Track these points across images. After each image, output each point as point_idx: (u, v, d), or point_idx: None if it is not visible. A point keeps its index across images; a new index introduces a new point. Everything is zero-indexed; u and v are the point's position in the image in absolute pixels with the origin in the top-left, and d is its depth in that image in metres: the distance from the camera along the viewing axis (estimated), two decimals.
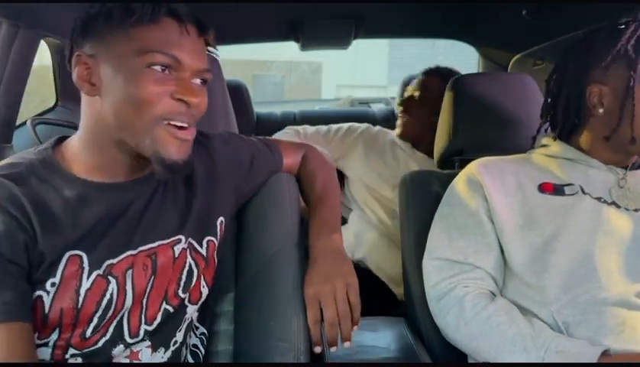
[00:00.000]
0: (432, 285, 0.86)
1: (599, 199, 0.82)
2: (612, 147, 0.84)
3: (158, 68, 0.62)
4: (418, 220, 0.99)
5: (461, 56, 2.44)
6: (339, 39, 1.79)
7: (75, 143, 0.68)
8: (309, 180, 0.92)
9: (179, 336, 0.73)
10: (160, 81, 0.62)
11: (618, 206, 0.81)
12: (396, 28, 1.96)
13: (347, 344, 0.71)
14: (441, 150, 1.18)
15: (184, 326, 0.74)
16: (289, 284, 0.78)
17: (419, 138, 1.48)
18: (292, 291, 0.77)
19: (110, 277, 0.65)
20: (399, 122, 1.53)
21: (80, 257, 0.63)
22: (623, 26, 0.81)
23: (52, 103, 1.57)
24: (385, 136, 1.55)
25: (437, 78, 1.48)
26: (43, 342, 0.62)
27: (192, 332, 0.80)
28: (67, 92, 1.55)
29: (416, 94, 1.50)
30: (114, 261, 0.65)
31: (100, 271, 0.64)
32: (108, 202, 0.66)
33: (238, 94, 2.06)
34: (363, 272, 1.37)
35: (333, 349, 0.71)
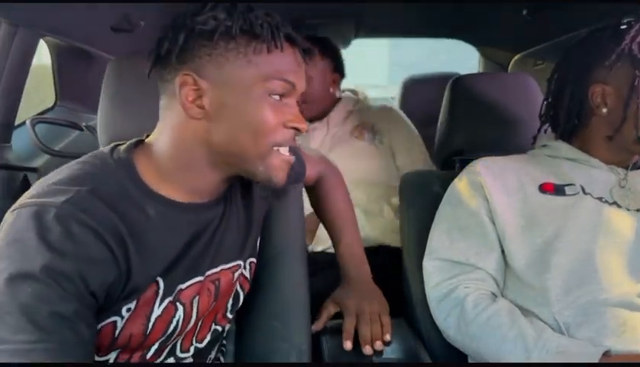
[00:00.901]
0: (433, 286, 0.86)
1: (600, 199, 0.82)
2: (614, 146, 0.84)
3: (277, 96, 0.60)
4: (418, 220, 0.99)
5: (462, 56, 2.44)
6: (339, 39, 1.79)
7: (161, 160, 0.62)
8: (328, 199, 0.95)
9: (214, 353, 0.75)
10: (277, 109, 0.60)
11: (619, 206, 0.81)
12: (396, 28, 1.95)
13: (378, 344, 0.79)
14: (441, 150, 1.17)
15: (218, 343, 0.76)
16: (291, 285, 0.78)
17: (313, 111, 1.46)
18: (295, 292, 0.78)
19: (178, 304, 0.62)
20: None
21: (157, 283, 0.59)
22: (626, 25, 0.81)
23: (51, 103, 1.57)
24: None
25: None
26: (101, 360, 0.60)
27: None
28: (66, 92, 1.55)
29: None
30: (184, 286, 0.63)
31: (171, 298, 0.61)
32: (191, 225, 0.63)
33: None
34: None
35: (367, 350, 0.78)
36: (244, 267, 0.74)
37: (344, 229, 0.93)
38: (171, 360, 0.66)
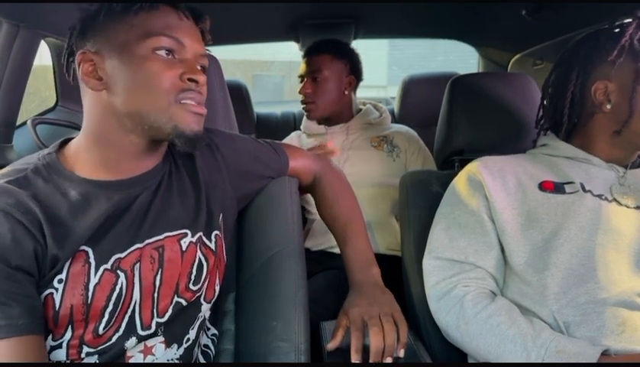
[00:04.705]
0: (432, 285, 0.86)
1: (600, 196, 0.82)
2: (621, 142, 0.84)
3: (163, 52, 0.64)
4: (418, 220, 0.99)
5: (461, 56, 2.45)
6: (339, 39, 1.79)
7: (79, 143, 0.69)
8: (332, 201, 0.94)
9: (192, 334, 0.74)
10: (167, 65, 0.64)
11: (619, 204, 0.81)
12: (396, 28, 1.95)
13: (388, 359, 0.74)
14: (441, 150, 1.18)
15: (197, 324, 0.75)
16: (290, 285, 0.78)
17: (327, 110, 1.50)
18: (293, 291, 0.77)
19: (119, 272, 0.66)
20: (305, 107, 1.53)
21: (86, 252, 0.64)
22: (622, 25, 0.82)
23: (52, 103, 1.57)
24: (301, 134, 1.62)
25: (314, 54, 1.51)
26: (57, 343, 0.63)
27: (204, 333, 0.80)
28: (67, 93, 1.55)
29: (302, 73, 1.52)
30: (122, 255, 0.66)
31: (108, 266, 0.65)
32: (113, 199, 0.67)
33: (238, 94, 2.06)
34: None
35: (374, 358, 0.74)
36: (208, 239, 0.75)
37: (348, 230, 0.91)
38: (133, 339, 0.67)
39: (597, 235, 0.78)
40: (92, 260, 0.64)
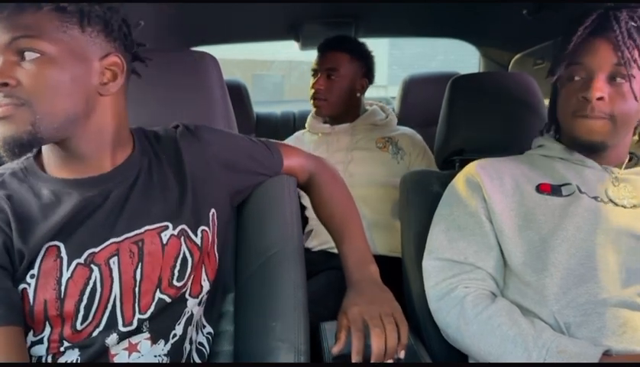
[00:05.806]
0: (432, 285, 0.86)
1: (595, 198, 0.82)
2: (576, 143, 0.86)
3: None
4: (418, 220, 0.99)
5: (462, 56, 2.45)
6: None
7: (46, 147, 0.71)
8: (327, 200, 0.93)
9: (179, 330, 0.73)
10: None
11: (615, 205, 0.81)
12: (396, 28, 1.96)
13: (389, 360, 0.73)
14: (441, 149, 1.18)
15: (183, 320, 0.74)
16: (289, 285, 0.78)
17: (335, 109, 1.50)
18: (293, 291, 0.77)
19: (92, 266, 0.66)
20: (315, 103, 1.52)
21: (57, 247, 0.65)
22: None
23: None
24: (305, 132, 1.62)
25: (332, 50, 1.49)
26: (37, 338, 0.64)
27: (198, 330, 0.80)
28: None
29: (316, 67, 1.51)
30: (96, 249, 0.67)
31: (81, 260, 0.65)
32: (83, 195, 0.68)
33: (238, 94, 2.06)
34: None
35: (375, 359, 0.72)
36: (194, 234, 0.75)
37: (345, 228, 0.89)
38: (114, 336, 0.66)
39: (595, 235, 0.78)
40: (63, 254, 0.65)
